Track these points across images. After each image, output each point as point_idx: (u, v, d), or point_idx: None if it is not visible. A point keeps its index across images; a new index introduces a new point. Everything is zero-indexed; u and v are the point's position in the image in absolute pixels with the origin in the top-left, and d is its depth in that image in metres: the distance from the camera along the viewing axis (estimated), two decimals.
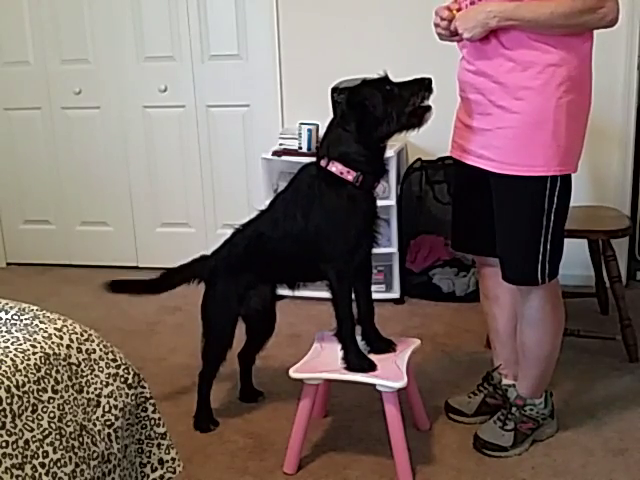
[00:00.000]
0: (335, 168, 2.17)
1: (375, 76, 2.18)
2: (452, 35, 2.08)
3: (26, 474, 1.51)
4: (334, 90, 3.47)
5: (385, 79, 2.17)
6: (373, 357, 2.24)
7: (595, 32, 2.05)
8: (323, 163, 2.21)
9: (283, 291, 2.49)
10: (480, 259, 2.41)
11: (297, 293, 2.52)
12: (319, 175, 2.21)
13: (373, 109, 2.12)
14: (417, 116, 2.14)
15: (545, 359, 2.25)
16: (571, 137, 2.05)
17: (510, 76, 2.00)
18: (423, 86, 2.12)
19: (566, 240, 2.91)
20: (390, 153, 3.36)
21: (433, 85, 2.13)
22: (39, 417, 1.58)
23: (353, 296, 2.29)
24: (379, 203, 3.27)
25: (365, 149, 2.17)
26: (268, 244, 2.31)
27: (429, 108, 2.14)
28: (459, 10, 2.06)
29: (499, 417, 2.34)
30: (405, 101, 2.12)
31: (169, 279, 2.54)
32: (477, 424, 2.42)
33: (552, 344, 2.25)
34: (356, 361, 2.20)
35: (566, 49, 1.98)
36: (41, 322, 1.76)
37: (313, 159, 2.29)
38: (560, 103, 1.99)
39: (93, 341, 1.79)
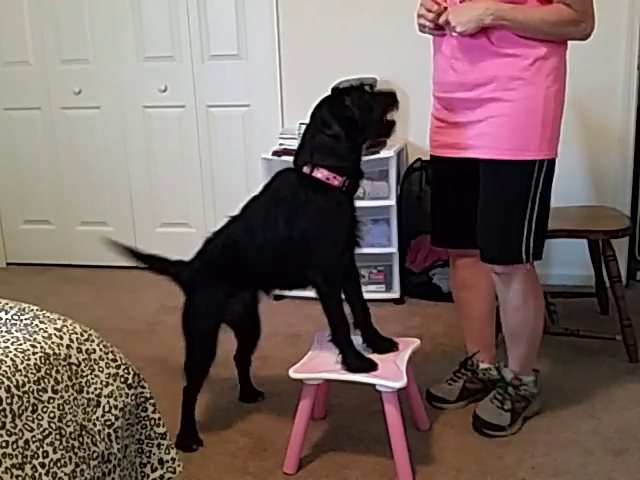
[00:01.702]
0: (321, 174, 2.17)
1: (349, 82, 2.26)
2: (436, 29, 2.16)
3: (26, 474, 1.51)
4: (334, 90, 3.46)
5: (361, 87, 2.23)
6: (373, 356, 2.24)
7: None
8: (306, 170, 2.19)
9: (282, 291, 2.48)
10: (457, 251, 2.49)
11: (297, 293, 2.51)
12: (302, 182, 2.19)
13: (357, 114, 2.16)
14: (387, 128, 2.23)
15: (532, 337, 2.39)
16: (556, 124, 2.17)
17: (502, 69, 2.11)
18: (394, 99, 2.21)
19: (566, 240, 2.93)
20: (390, 153, 3.36)
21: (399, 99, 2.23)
22: (39, 417, 1.58)
23: (345, 299, 2.29)
24: (379, 203, 3.28)
25: (350, 154, 2.19)
26: (244, 252, 2.27)
27: (394, 123, 2.23)
28: (445, 5, 2.13)
29: (496, 397, 2.43)
30: (382, 111, 2.20)
31: (150, 259, 2.53)
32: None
33: (535, 323, 2.38)
34: (356, 363, 2.19)
35: (551, 43, 2.10)
36: (41, 322, 1.76)
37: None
38: (548, 92, 2.12)
39: (93, 341, 1.79)
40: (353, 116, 2.17)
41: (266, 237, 2.22)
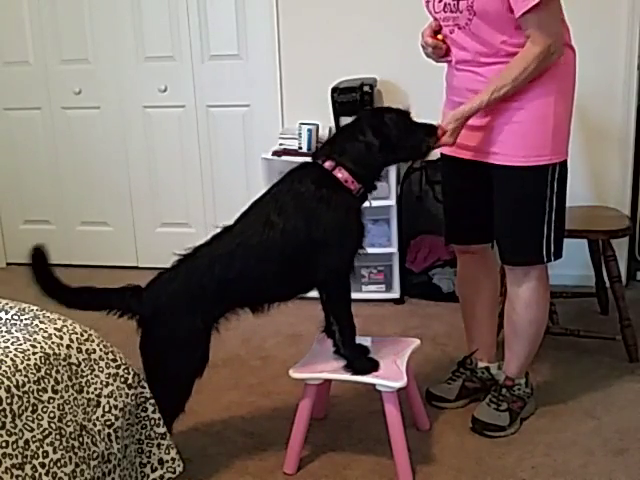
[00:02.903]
0: (341, 175, 2.14)
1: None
2: (439, 56, 2.26)
3: (26, 474, 1.52)
4: (334, 90, 3.47)
5: (407, 113, 2.21)
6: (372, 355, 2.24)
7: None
8: (328, 165, 2.15)
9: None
10: (463, 248, 2.53)
11: None
12: (323, 178, 2.14)
13: (393, 131, 2.15)
14: (424, 152, 2.23)
15: (535, 337, 2.41)
16: (567, 126, 2.23)
17: None
18: (434, 131, 2.19)
19: (566, 240, 2.93)
20: None
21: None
22: (39, 417, 1.58)
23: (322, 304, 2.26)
24: (379, 203, 3.27)
25: (375, 167, 2.18)
26: (252, 261, 2.10)
27: (430, 148, 2.21)
28: (440, 30, 2.22)
29: (491, 400, 2.44)
30: (420, 136, 2.18)
31: (89, 298, 2.13)
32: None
33: (542, 322, 2.42)
34: (362, 365, 2.18)
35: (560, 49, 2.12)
36: (41, 322, 1.76)
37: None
38: (558, 97, 2.16)
39: (93, 341, 1.79)
40: (390, 132, 2.15)
41: (285, 238, 2.08)
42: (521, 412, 2.45)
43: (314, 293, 2.24)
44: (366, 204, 2.25)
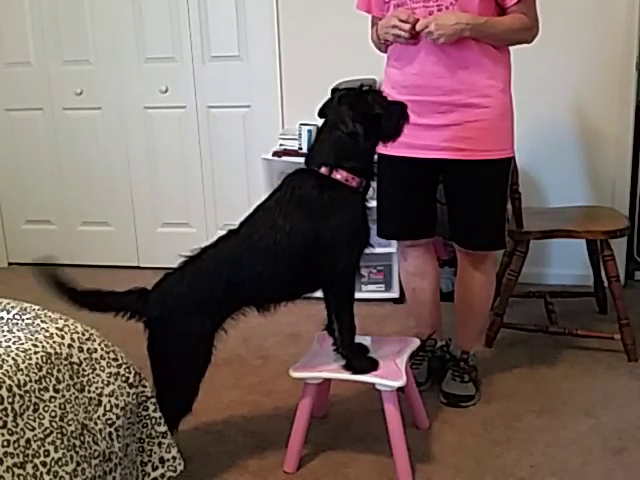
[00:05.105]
0: (340, 175, 2.12)
1: (368, 82, 2.27)
2: (411, 38, 2.29)
3: (27, 473, 1.52)
4: (334, 90, 3.46)
5: (380, 92, 2.21)
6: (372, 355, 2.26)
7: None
8: (324, 171, 2.13)
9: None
10: (411, 242, 2.65)
11: None
12: (323, 183, 2.12)
13: (381, 112, 2.13)
14: (399, 129, 2.21)
15: (486, 312, 2.68)
16: (513, 126, 2.45)
17: (480, 77, 2.31)
18: (405, 109, 2.20)
19: (565, 240, 2.95)
20: None
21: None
22: (40, 416, 1.59)
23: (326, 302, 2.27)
24: None
25: (366, 154, 2.17)
26: (261, 263, 2.09)
27: (404, 124, 2.21)
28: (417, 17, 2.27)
29: (454, 374, 2.63)
30: (398, 116, 2.19)
31: (98, 299, 2.11)
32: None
33: (492, 298, 2.66)
34: (361, 365, 2.19)
35: (507, 54, 2.38)
36: (42, 322, 1.77)
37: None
38: (511, 97, 2.41)
39: (94, 340, 1.80)
40: (377, 113, 2.12)
41: (292, 243, 2.08)
42: (478, 379, 2.65)
43: (314, 293, 2.25)
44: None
